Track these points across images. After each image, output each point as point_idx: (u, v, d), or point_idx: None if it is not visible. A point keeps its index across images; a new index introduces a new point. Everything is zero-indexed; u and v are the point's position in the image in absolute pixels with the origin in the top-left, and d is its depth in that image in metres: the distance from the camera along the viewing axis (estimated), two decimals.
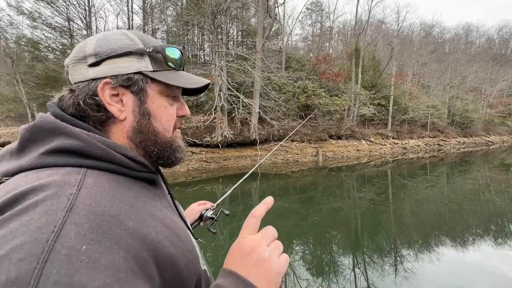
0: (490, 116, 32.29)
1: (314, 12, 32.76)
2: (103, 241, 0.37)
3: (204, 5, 13.14)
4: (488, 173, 12.14)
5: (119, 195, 0.46)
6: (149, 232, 0.44)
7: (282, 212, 6.74)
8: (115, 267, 0.35)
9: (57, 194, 0.39)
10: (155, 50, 0.57)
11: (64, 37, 15.60)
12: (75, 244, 0.34)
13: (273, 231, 0.54)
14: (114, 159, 0.49)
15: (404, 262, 4.15)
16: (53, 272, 0.31)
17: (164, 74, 0.58)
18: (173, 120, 0.61)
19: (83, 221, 0.37)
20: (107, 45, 0.54)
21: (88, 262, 0.33)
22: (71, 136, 0.47)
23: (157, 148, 0.58)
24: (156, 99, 0.58)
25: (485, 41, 54.05)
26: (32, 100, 12.84)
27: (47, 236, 0.33)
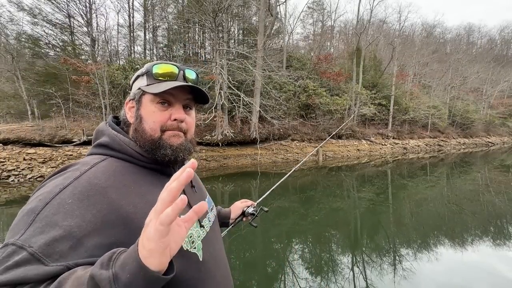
0: (490, 117, 32.19)
1: (316, 11, 32.66)
2: (84, 201, 0.58)
3: (205, 3, 13.09)
4: (488, 174, 12.13)
5: (118, 176, 0.67)
6: (126, 204, 0.63)
7: (282, 211, 6.74)
8: (83, 218, 0.55)
9: (77, 169, 0.64)
10: (147, 69, 0.77)
11: (64, 34, 15.61)
12: (65, 198, 0.57)
13: None
14: (127, 152, 0.72)
15: (403, 262, 4.14)
16: (47, 210, 0.55)
17: (152, 86, 0.75)
18: (160, 122, 0.74)
19: (78, 186, 0.59)
20: (135, 74, 0.81)
21: (67, 210, 0.55)
22: (107, 135, 0.74)
23: (142, 143, 0.74)
24: (147, 106, 0.75)
25: (487, 41, 53.89)
26: (32, 97, 12.79)
27: (56, 190, 0.58)
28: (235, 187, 9.21)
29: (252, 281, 3.74)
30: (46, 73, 13.79)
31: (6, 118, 12.76)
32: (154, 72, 0.75)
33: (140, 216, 0.61)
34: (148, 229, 0.45)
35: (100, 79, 12.16)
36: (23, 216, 0.55)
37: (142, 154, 0.73)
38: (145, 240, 0.45)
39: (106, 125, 0.78)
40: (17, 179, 8.84)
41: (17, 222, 0.55)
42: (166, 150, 0.73)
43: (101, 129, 0.77)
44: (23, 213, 0.56)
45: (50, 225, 0.53)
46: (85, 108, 13.04)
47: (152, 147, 0.73)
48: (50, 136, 10.60)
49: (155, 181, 0.73)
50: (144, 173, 0.73)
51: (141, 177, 0.71)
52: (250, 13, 21.38)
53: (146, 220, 0.47)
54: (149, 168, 0.75)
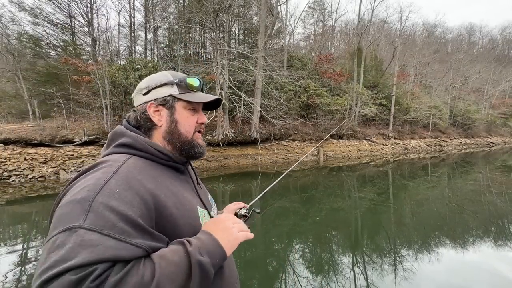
0: (492, 117, 32.12)
1: (317, 11, 32.63)
2: (129, 190, 0.66)
3: (206, 3, 13.09)
4: (489, 174, 12.09)
5: (146, 170, 0.77)
6: (159, 194, 0.73)
7: (283, 211, 6.73)
8: (132, 203, 0.64)
9: (111, 165, 0.72)
10: (180, 80, 0.90)
11: (65, 34, 15.61)
12: (113, 188, 0.65)
13: (240, 224, 0.84)
14: (149, 150, 0.82)
15: (404, 262, 4.13)
16: (100, 198, 0.61)
17: (186, 95, 0.90)
18: (193, 126, 0.92)
19: (119, 178, 0.68)
20: (152, 81, 0.90)
21: (118, 197, 0.63)
22: (128, 136, 0.82)
23: (179, 144, 0.89)
24: (181, 111, 0.90)
25: (488, 41, 53.80)
26: (33, 97, 12.82)
27: (102, 182, 0.65)
28: (235, 187, 9.21)
29: (253, 280, 3.74)
30: (47, 73, 13.81)
31: (7, 118, 12.78)
32: (189, 84, 0.91)
33: (169, 205, 0.74)
34: (236, 232, 0.79)
35: (101, 79, 12.16)
36: (75, 204, 0.60)
37: (163, 152, 0.84)
38: (232, 238, 0.76)
39: (123, 127, 0.86)
40: (18, 179, 8.85)
41: (69, 211, 0.60)
42: (199, 149, 0.93)
43: (119, 131, 0.85)
44: (73, 203, 0.61)
45: (109, 211, 0.60)
46: (86, 108, 13.04)
47: (188, 147, 0.90)
48: (51, 136, 10.61)
49: (173, 176, 0.86)
50: (164, 169, 0.84)
51: (162, 173, 0.82)
52: (251, 13, 21.35)
53: (228, 223, 0.80)
54: (167, 165, 0.86)
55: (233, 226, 0.79)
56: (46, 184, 8.76)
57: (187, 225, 0.78)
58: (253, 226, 5.74)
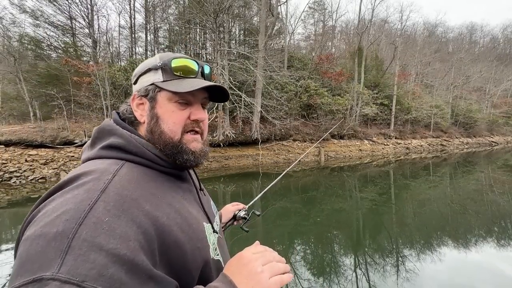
0: (494, 116, 32.02)
1: (317, 11, 32.64)
2: (122, 216, 0.50)
3: (206, 3, 13.10)
4: (492, 174, 12.03)
5: (143, 184, 0.59)
6: (161, 216, 0.56)
7: (284, 212, 6.70)
8: (127, 236, 0.48)
9: (98, 178, 0.54)
10: (163, 63, 0.68)
11: (66, 36, 15.67)
12: (101, 216, 0.47)
13: (272, 255, 0.64)
14: (146, 155, 0.64)
15: (406, 263, 4.11)
16: (83, 232, 0.45)
17: (171, 82, 0.68)
18: (180, 123, 0.69)
19: (110, 200, 0.51)
20: (141, 67, 0.72)
21: (107, 230, 0.46)
22: (119, 136, 0.65)
23: (161, 146, 0.67)
24: (164, 104, 0.68)
25: (489, 40, 53.71)
26: (34, 98, 12.86)
27: (85, 207, 0.48)
28: (236, 188, 9.18)
29: None
30: (48, 75, 13.85)
31: (8, 120, 12.80)
32: (173, 67, 0.68)
33: (174, 229, 0.58)
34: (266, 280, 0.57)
35: (102, 80, 12.19)
36: (48, 241, 0.43)
37: (162, 157, 0.67)
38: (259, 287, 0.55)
39: (113, 122, 0.68)
40: (19, 181, 8.86)
41: (40, 251, 0.43)
42: (188, 156, 0.70)
43: (108, 127, 0.66)
44: (45, 238, 0.44)
45: (95, 249, 0.44)
46: (86, 109, 13.07)
47: (174, 151, 0.68)
48: (52, 137, 10.62)
49: (173, 187, 0.69)
50: (162, 178, 0.66)
51: (161, 184, 0.65)
52: (251, 14, 21.36)
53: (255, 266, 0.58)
54: (166, 172, 0.69)
55: (263, 270, 0.57)
56: (47, 186, 8.76)
57: (195, 251, 0.61)
58: (254, 227, 5.74)
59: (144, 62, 0.72)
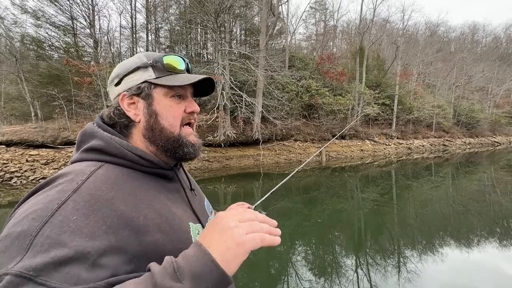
0: (496, 116, 31.86)
1: (318, 11, 32.61)
2: (91, 216, 0.49)
3: (207, 3, 13.09)
4: (494, 174, 11.95)
5: (121, 184, 0.59)
6: (137, 216, 0.56)
7: (285, 212, 6.67)
8: (93, 236, 0.47)
9: (72, 179, 0.55)
10: (155, 60, 0.70)
11: (67, 36, 15.69)
12: (68, 215, 0.48)
13: (251, 213, 0.57)
14: (126, 156, 0.64)
15: (408, 263, 4.08)
16: (47, 230, 0.45)
17: (165, 78, 0.70)
18: (179, 117, 0.72)
19: (80, 200, 0.51)
20: (123, 67, 0.71)
21: (74, 228, 0.46)
22: (99, 138, 0.65)
23: (162, 142, 0.69)
24: (161, 100, 0.70)
25: (492, 40, 53.40)
26: (36, 98, 12.90)
27: (53, 206, 0.48)
28: (237, 188, 9.16)
29: (255, 282, 3.71)
30: (49, 75, 13.90)
31: (10, 120, 12.84)
32: (166, 63, 0.71)
33: (152, 229, 0.57)
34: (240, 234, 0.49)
35: (103, 80, 12.20)
36: (12, 240, 0.44)
37: (145, 158, 0.66)
38: (233, 244, 0.48)
39: (95, 126, 0.68)
40: (20, 181, 8.87)
41: (6, 249, 0.44)
42: (189, 148, 0.72)
43: (89, 130, 0.67)
44: (10, 238, 0.45)
45: (57, 246, 0.44)
46: (87, 109, 13.09)
47: (175, 145, 0.70)
48: (53, 137, 10.64)
49: (157, 187, 0.68)
50: (145, 178, 0.66)
51: (143, 184, 0.64)
52: (252, 13, 21.38)
53: (228, 222, 0.51)
54: (150, 173, 0.68)
55: (237, 225, 0.51)
56: None
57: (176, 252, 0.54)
58: None
59: (125, 63, 0.72)
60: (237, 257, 0.48)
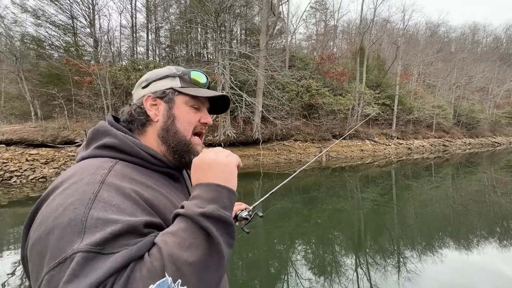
0: (496, 117, 31.87)
1: (319, 10, 32.58)
2: (126, 200, 0.56)
3: (208, 3, 13.07)
4: (494, 174, 11.95)
5: (138, 179, 0.64)
6: (158, 204, 0.63)
7: (285, 212, 6.67)
8: (134, 214, 0.55)
9: (95, 173, 0.59)
10: (183, 73, 0.80)
11: (67, 35, 15.68)
12: (108, 200, 0.53)
13: (224, 151, 0.70)
14: (139, 155, 0.69)
15: (408, 263, 4.08)
16: (95, 214, 0.50)
17: (189, 89, 0.79)
18: (193, 124, 0.79)
19: (110, 189, 0.56)
20: (153, 74, 0.80)
21: (117, 210, 0.53)
22: (113, 136, 0.69)
23: (174, 143, 0.76)
24: (181, 106, 0.78)
25: (492, 40, 53.37)
26: (36, 98, 12.88)
27: (90, 196, 0.53)
28: (237, 188, 9.10)
29: (255, 281, 3.71)
30: (49, 74, 13.89)
31: (10, 119, 12.84)
32: (193, 78, 0.80)
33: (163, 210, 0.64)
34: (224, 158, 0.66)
35: (103, 79, 12.19)
36: (63, 228, 0.49)
37: (157, 157, 0.72)
38: (225, 168, 0.64)
39: (107, 124, 0.72)
40: (19, 180, 8.86)
41: (60, 237, 0.48)
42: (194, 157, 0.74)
43: (102, 128, 0.71)
44: (60, 227, 0.49)
45: (110, 223, 0.50)
46: (87, 108, 13.08)
47: (184, 149, 0.77)
48: (53, 137, 10.63)
49: (168, 184, 0.74)
50: (157, 176, 0.72)
51: (156, 180, 0.70)
52: (253, 13, 21.36)
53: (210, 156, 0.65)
54: (160, 171, 0.74)
55: (217, 154, 0.66)
56: (47, 185, 8.71)
57: None
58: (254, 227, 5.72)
59: (156, 71, 0.81)
60: (232, 173, 0.65)
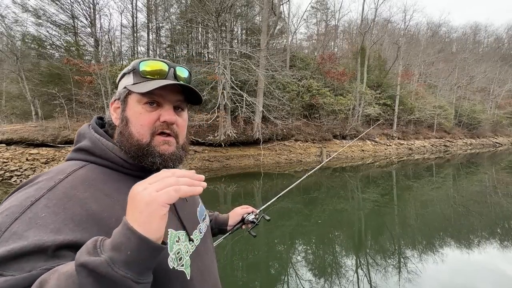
0: (498, 117, 31.78)
1: (319, 10, 32.53)
2: (61, 214, 0.51)
3: (208, 2, 13.06)
4: (496, 175, 11.90)
5: (99, 185, 0.60)
6: (108, 217, 0.56)
7: (285, 212, 6.65)
8: (58, 231, 0.48)
9: (51, 178, 0.57)
10: (133, 66, 0.70)
11: (68, 35, 15.70)
12: (38, 212, 0.50)
13: (166, 172, 0.50)
14: (110, 158, 0.66)
15: (408, 264, 4.06)
16: (16, 226, 0.47)
17: (139, 85, 0.68)
18: (148, 125, 0.67)
19: (53, 198, 0.53)
20: (120, 73, 0.74)
21: (40, 224, 0.48)
22: (88, 139, 0.67)
23: (127, 149, 0.66)
24: (133, 107, 0.68)
25: (494, 40, 53.16)
26: (36, 97, 12.90)
27: (27, 204, 0.51)
28: (238, 188, 9.13)
29: (255, 282, 3.69)
30: (50, 74, 13.90)
31: (11, 119, 12.86)
32: (141, 70, 0.69)
33: None
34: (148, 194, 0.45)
35: (103, 79, 12.19)
36: None
37: (127, 160, 0.66)
38: (143, 206, 0.44)
39: (89, 127, 0.71)
40: (20, 180, 8.87)
41: None
42: (155, 159, 0.67)
43: (82, 131, 0.70)
44: None
45: (18, 240, 0.46)
46: (88, 108, 13.09)
47: (139, 154, 0.66)
48: (53, 136, 10.63)
49: None
50: (128, 180, 0.65)
51: (124, 186, 0.62)
52: (253, 13, 21.35)
53: (138, 189, 0.47)
54: (134, 175, 0.68)
55: (145, 188, 0.46)
56: None
57: None
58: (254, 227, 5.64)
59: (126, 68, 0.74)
60: (152, 215, 0.44)
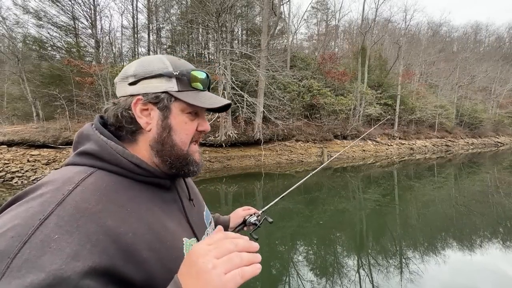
0: (499, 117, 31.72)
1: (320, 10, 32.54)
2: (75, 233, 0.45)
3: (209, 3, 13.06)
4: (497, 174, 11.86)
5: (111, 195, 0.54)
6: (125, 232, 0.51)
7: (286, 213, 6.63)
8: (76, 256, 0.43)
9: (58, 189, 0.50)
10: (181, 73, 0.65)
11: (69, 36, 15.72)
12: (50, 233, 0.43)
13: (233, 242, 0.49)
14: (121, 163, 0.59)
15: (410, 265, 4.05)
16: (27, 251, 0.40)
17: (187, 94, 0.66)
18: (191, 134, 0.69)
19: (64, 215, 0.46)
20: (144, 68, 0.64)
21: (55, 249, 0.42)
22: (94, 142, 0.60)
23: (171, 159, 0.65)
24: (177, 115, 0.66)
25: (495, 40, 53.12)
26: (37, 98, 12.94)
27: (34, 222, 0.43)
28: (239, 188, 9.12)
29: (256, 283, 3.67)
30: (51, 75, 13.93)
31: (12, 120, 12.88)
32: (193, 78, 0.67)
33: (141, 247, 0.53)
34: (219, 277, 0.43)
35: (104, 80, 12.21)
36: None
37: (141, 166, 0.62)
38: None
39: (93, 128, 0.64)
40: (21, 181, 8.87)
41: None
42: (194, 167, 0.70)
43: (86, 132, 0.63)
44: None
45: (34, 270, 0.40)
46: (89, 109, 13.11)
47: (182, 163, 0.67)
48: (54, 137, 10.65)
49: (152, 197, 0.64)
50: (140, 188, 0.62)
51: (137, 194, 0.60)
52: (254, 13, 21.35)
53: (204, 262, 0.45)
54: (146, 182, 0.64)
55: (215, 265, 0.45)
56: None
57: (165, 273, 0.54)
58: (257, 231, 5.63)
59: (147, 64, 0.65)
60: None
